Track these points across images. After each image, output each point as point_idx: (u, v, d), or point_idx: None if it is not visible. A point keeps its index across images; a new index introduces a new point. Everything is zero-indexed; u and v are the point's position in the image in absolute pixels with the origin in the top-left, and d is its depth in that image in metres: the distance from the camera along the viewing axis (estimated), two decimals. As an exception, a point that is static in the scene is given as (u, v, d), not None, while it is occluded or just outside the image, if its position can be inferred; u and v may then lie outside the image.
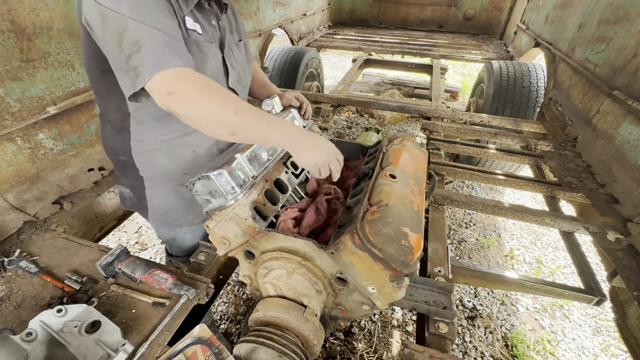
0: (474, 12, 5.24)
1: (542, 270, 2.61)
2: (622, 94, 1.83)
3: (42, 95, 1.42)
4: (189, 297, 1.01)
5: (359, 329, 2.09)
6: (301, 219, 1.10)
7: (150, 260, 1.15)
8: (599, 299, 1.39)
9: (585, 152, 2.00)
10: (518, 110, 2.84)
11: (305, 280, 0.96)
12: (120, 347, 0.85)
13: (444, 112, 2.64)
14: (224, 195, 0.94)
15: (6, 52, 1.27)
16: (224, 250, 1.03)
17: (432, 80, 3.65)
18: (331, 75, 6.84)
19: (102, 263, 1.06)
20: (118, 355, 0.84)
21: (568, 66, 2.57)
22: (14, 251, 1.22)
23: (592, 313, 2.29)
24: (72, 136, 1.60)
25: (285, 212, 1.10)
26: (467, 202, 1.62)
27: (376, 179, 1.04)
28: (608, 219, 1.51)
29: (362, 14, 5.84)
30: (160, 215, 1.24)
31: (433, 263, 1.29)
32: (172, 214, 1.24)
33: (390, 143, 1.29)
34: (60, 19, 1.45)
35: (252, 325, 1.04)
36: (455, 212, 3.17)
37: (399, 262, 0.82)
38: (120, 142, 1.11)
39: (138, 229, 2.88)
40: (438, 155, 2.05)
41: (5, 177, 1.34)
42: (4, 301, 1.04)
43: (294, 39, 4.32)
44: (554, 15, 3.14)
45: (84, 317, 0.88)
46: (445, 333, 1.03)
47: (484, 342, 2.06)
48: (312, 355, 1.01)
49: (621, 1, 2.04)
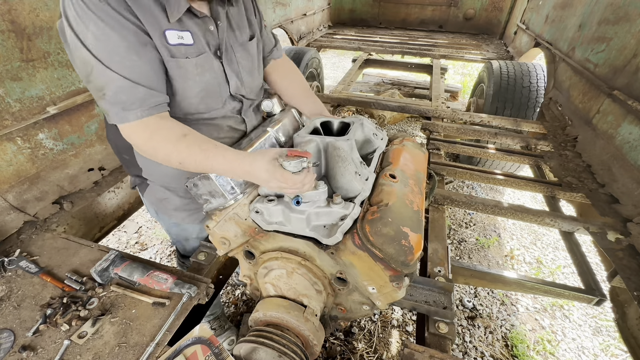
0: (474, 12, 5.23)
1: (542, 270, 2.60)
2: (622, 94, 1.83)
3: (42, 95, 1.42)
4: (191, 294, 1.01)
5: (359, 329, 2.09)
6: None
7: (149, 260, 1.15)
8: (599, 299, 1.39)
9: (585, 152, 2.00)
10: (518, 110, 2.84)
11: (305, 280, 0.96)
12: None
13: (444, 112, 2.64)
14: (223, 195, 0.94)
15: (6, 52, 1.27)
16: (224, 250, 1.03)
17: (432, 80, 3.65)
18: (331, 76, 6.84)
19: (97, 269, 1.05)
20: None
21: (568, 66, 2.57)
22: (14, 251, 1.22)
23: (592, 313, 2.29)
24: (72, 136, 1.60)
25: (285, 212, 1.10)
26: (467, 202, 1.62)
27: (376, 179, 1.04)
28: (608, 219, 1.51)
29: (362, 14, 5.84)
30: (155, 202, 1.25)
31: (433, 263, 1.29)
32: (165, 204, 1.24)
33: (390, 143, 1.29)
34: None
35: (252, 325, 1.04)
36: (455, 212, 3.17)
37: (399, 262, 0.82)
38: (123, 140, 1.09)
39: (138, 229, 2.88)
40: (438, 155, 2.05)
41: (5, 177, 1.34)
42: (4, 301, 1.04)
43: (294, 39, 4.32)
44: (554, 15, 3.14)
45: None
46: (445, 333, 1.03)
47: (484, 342, 2.06)
48: (312, 355, 1.01)
49: (621, 1, 2.04)
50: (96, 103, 1.69)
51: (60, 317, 0.96)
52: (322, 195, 0.88)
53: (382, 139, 1.19)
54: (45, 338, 0.94)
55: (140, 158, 1.12)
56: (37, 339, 0.94)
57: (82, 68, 0.81)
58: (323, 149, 0.97)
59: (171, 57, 0.88)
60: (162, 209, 1.26)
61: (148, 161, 1.12)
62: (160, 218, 1.34)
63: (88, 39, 0.77)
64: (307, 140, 0.97)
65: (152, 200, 1.26)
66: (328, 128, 1.15)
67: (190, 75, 0.94)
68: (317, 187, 0.88)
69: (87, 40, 0.77)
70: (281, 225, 0.94)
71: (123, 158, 1.17)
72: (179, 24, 0.89)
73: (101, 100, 0.83)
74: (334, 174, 0.96)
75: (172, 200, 1.22)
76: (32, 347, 0.91)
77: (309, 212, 0.89)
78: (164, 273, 1.05)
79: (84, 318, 0.98)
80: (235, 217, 0.97)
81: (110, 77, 0.79)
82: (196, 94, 0.98)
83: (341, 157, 0.94)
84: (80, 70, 0.82)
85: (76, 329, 0.95)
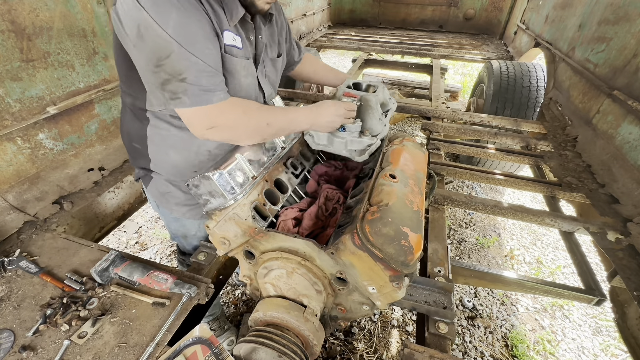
0: (474, 12, 5.23)
1: (542, 270, 2.60)
2: (622, 94, 1.83)
3: (42, 95, 1.42)
4: (191, 294, 1.01)
5: (359, 329, 2.09)
6: (301, 219, 1.10)
7: (149, 260, 1.15)
8: (599, 299, 1.39)
9: (585, 152, 2.00)
10: (518, 110, 2.83)
11: (305, 281, 0.96)
12: None
13: (444, 112, 2.64)
14: (223, 195, 0.94)
15: (6, 52, 1.27)
16: (224, 251, 1.03)
17: (432, 80, 3.65)
18: (331, 75, 6.83)
19: (97, 269, 1.05)
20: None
21: (568, 66, 2.57)
22: (14, 251, 1.22)
23: (592, 313, 2.29)
24: (72, 136, 1.60)
25: (285, 212, 1.10)
26: (467, 202, 1.62)
27: (376, 179, 1.04)
28: (608, 219, 1.51)
29: (362, 14, 5.84)
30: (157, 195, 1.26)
31: (433, 263, 1.29)
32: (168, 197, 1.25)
33: (390, 143, 1.29)
34: (60, 19, 1.45)
35: (252, 325, 1.04)
36: (455, 212, 3.17)
37: (399, 262, 0.82)
38: (138, 129, 1.11)
39: (138, 229, 2.88)
40: (438, 155, 2.05)
41: (5, 177, 1.34)
42: (4, 301, 1.04)
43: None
44: (554, 15, 3.14)
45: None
46: (445, 333, 1.03)
47: (484, 342, 2.06)
48: (312, 355, 1.01)
49: (621, 1, 2.04)
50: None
51: (60, 317, 0.96)
52: (358, 128, 1.19)
53: (394, 103, 1.44)
54: (45, 338, 0.94)
55: (152, 148, 1.13)
56: (37, 339, 0.94)
57: (155, 52, 0.82)
58: (358, 99, 1.23)
59: (225, 52, 0.95)
60: (164, 202, 1.27)
61: (159, 152, 1.13)
62: (161, 212, 1.35)
63: (170, 25, 0.79)
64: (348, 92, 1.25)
65: (154, 194, 1.26)
66: (357, 87, 1.41)
67: (237, 76, 1.01)
68: (356, 122, 1.18)
69: (168, 25, 0.79)
70: (326, 147, 1.23)
71: (134, 147, 1.17)
72: (235, 28, 0.97)
73: (178, 83, 0.84)
74: (364, 117, 1.25)
75: (174, 194, 1.23)
76: (32, 347, 0.91)
77: (347, 139, 1.19)
78: (164, 273, 1.05)
79: (84, 318, 0.98)
80: (235, 217, 0.97)
81: (192, 62, 0.83)
82: (236, 92, 1.03)
83: (370, 107, 1.24)
84: (150, 56, 0.83)
85: (76, 329, 0.95)
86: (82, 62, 1.58)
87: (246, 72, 1.03)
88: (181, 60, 0.82)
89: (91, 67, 1.63)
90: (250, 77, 1.06)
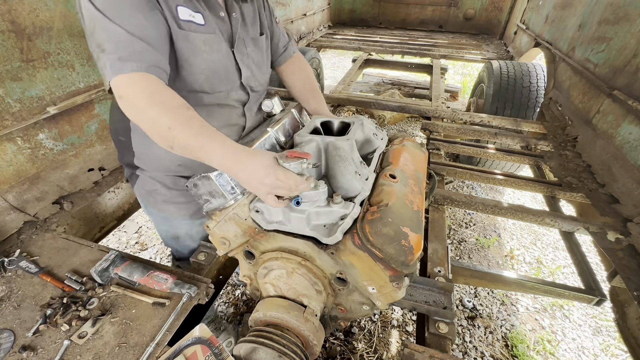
0: (474, 12, 5.23)
1: (542, 270, 2.60)
2: (622, 94, 1.83)
3: (42, 95, 1.42)
4: (191, 294, 1.01)
5: (359, 329, 2.09)
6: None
7: (149, 260, 1.15)
8: (599, 299, 1.39)
9: (585, 152, 2.00)
10: (518, 110, 2.83)
11: (305, 281, 0.96)
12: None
13: (444, 112, 2.64)
14: (223, 195, 0.94)
15: (6, 52, 1.27)
16: (224, 251, 1.03)
17: (432, 80, 3.65)
18: (331, 76, 6.84)
19: (97, 269, 1.05)
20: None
21: (568, 66, 2.57)
22: (14, 251, 1.22)
23: (592, 313, 2.29)
24: (72, 136, 1.60)
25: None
26: (467, 202, 1.62)
27: (376, 179, 1.04)
28: (608, 219, 1.51)
29: (362, 14, 5.84)
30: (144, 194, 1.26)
31: (433, 263, 1.29)
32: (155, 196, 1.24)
33: (390, 143, 1.29)
34: (60, 19, 1.45)
35: (252, 325, 1.04)
36: (455, 212, 3.17)
37: (399, 262, 0.82)
38: (123, 120, 1.10)
39: (138, 229, 2.88)
40: (438, 155, 2.05)
41: (5, 177, 1.34)
42: (4, 301, 1.04)
43: (294, 39, 4.32)
44: (554, 15, 3.14)
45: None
46: (445, 333, 1.03)
47: (484, 342, 2.06)
48: (312, 355, 1.01)
49: (621, 1, 2.04)
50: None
51: (60, 317, 0.96)
52: (322, 195, 0.88)
53: (382, 139, 1.20)
54: (45, 338, 0.94)
55: (135, 139, 1.12)
56: (37, 339, 0.94)
57: (88, 27, 0.82)
58: (323, 149, 0.97)
59: (179, 28, 0.92)
60: (152, 201, 1.26)
61: (142, 144, 1.12)
62: (150, 212, 1.34)
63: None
64: (307, 140, 0.98)
65: (141, 193, 1.26)
66: (328, 128, 1.16)
67: (198, 52, 0.97)
68: (318, 187, 0.86)
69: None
70: (281, 225, 0.93)
71: (119, 141, 1.18)
72: (191, 4, 0.93)
73: (100, 55, 0.82)
74: (334, 173, 0.97)
75: (160, 191, 1.22)
76: (32, 347, 0.91)
77: (309, 211, 0.89)
78: (164, 273, 1.05)
79: (84, 318, 0.98)
80: (235, 217, 0.97)
81: (112, 31, 0.80)
82: (201, 70, 1.00)
83: (341, 157, 0.94)
84: (87, 32, 0.83)
85: (76, 329, 0.95)
86: (82, 62, 1.58)
87: (209, 47, 0.98)
88: (102, 31, 0.80)
89: (91, 67, 1.63)
90: (216, 53, 1.00)
